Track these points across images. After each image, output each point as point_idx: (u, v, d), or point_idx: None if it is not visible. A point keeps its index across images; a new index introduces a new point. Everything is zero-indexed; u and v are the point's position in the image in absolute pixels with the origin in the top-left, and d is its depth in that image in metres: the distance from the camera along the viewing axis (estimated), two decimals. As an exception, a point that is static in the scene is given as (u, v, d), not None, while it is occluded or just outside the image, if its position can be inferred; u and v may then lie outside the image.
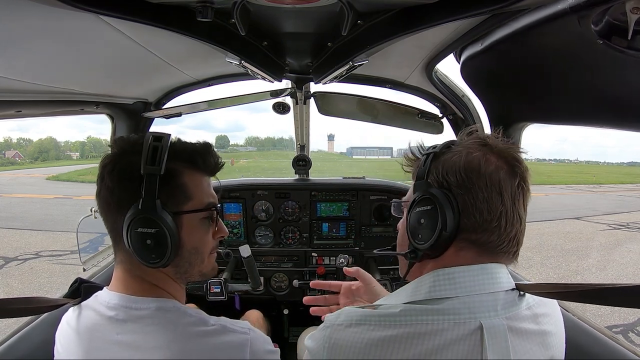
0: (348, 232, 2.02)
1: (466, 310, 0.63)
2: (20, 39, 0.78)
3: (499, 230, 0.66)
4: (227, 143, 75.91)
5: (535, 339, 0.67)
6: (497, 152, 0.70)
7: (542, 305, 0.71)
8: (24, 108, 1.15)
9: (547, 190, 19.26)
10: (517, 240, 0.69)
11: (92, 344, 0.74)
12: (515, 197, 0.67)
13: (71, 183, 21.14)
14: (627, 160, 72.09)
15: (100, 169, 0.78)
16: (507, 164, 0.69)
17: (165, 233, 0.73)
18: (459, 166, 0.69)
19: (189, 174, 0.81)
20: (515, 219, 0.67)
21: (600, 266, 6.77)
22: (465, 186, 0.67)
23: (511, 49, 0.91)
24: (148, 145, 0.74)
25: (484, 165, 0.67)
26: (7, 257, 6.78)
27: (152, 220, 0.72)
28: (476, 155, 0.69)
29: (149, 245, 0.73)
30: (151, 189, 0.73)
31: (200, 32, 0.90)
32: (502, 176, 0.67)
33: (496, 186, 0.66)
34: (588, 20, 0.62)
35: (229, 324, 0.79)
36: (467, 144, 0.72)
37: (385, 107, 1.84)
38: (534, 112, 1.20)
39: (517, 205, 0.68)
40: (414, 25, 0.86)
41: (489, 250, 0.68)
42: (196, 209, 0.81)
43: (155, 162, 0.73)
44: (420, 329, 0.62)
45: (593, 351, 1.05)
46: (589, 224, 10.36)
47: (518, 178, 0.68)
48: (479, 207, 0.66)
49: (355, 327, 0.65)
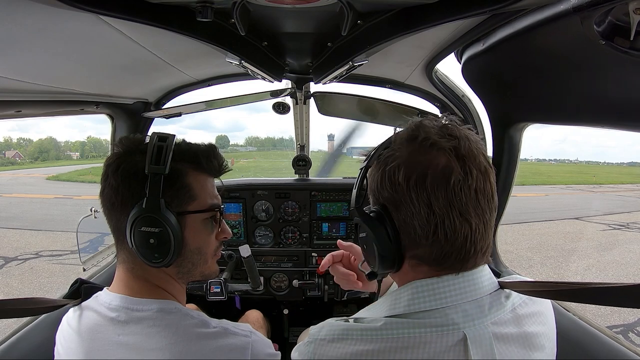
0: (348, 232, 2.02)
1: (449, 321, 0.61)
2: (20, 39, 0.78)
3: (439, 244, 0.61)
4: (227, 143, 75.89)
5: (518, 342, 0.64)
6: (428, 143, 0.61)
7: (528, 305, 0.68)
8: (24, 108, 1.15)
9: (547, 190, 19.26)
10: (472, 245, 0.61)
11: (93, 344, 0.74)
12: (455, 197, 0.59)
13: (71, 183, 21.11)
14: (627, 161, 72.06)
15: (104, 168, 0.78)
16: (439, 156, 0.60)
17: (169, 232, 0.73)
18: (385, 177, 0.63)
19: (193, 175, 0.81)
20: (457, 225, 0.60)
21: (600, 266, 6.77)
22: (394, 202, 0.63)
23: (513, 49, 0.90)
24: (153, 145, 0.74)
25: (405, 170, 0.61)
26: (7, 257, 6.77)
27: (156, 219, 0.73)
28: (399, 156, 0.63)
29: (152, 244, 0.73)
30: (155, 188, 0.73)
31: (200, 32, 0.90)
32: (428, 179, 0.59)
33: (423, 196, 0.60)
34: (590, 20, 0.62)
35: (231, 327, 0.79)
36: (398, 143, 0.65)
37: (385, 107, 1.84)
38: (535, 112, 1.19)
39: (459, 207, 0.60)
40: (414, 25, 0.85)
41: (440, 263, 0.63)
42: (200, 210, 0.81)
43: (160, 162, 0.73)
44: (403, 343, 0.60)
45: (594, 350, 1.05)
46: (589, 224, 10.35)
47: (455, 172, 0.59)
48: (411, 223, 0.61)
49: (338, 342, 0.64)
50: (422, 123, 0.65)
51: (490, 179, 0.63)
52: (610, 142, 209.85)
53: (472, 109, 1.55)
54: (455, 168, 0.60)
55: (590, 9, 0.59)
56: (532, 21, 0.74)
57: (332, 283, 1.91)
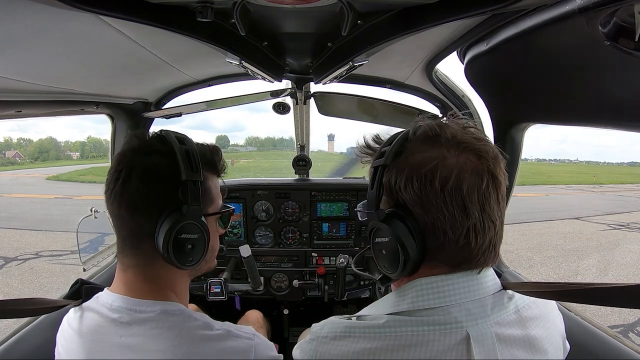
0: (348, 232, 2.02)
1: (452, 320, 0.60)
2: (20, 39, 0.78)
3: (468, 246, 0.60)
4: (227, 143, 75.98)
5: (521, 344, 0.63)
6: (456, 144, 0.60)
7: (532, 307, 0.67)
8: (24, 108, 1.15)
9: (548, 190, 19.26)
10: (493, 246, 0.62)
11: (95, 346, 0.74)
12: (485, 201, 0.59)
13: (71, 183, 21.14)
14: (628, 160, 72.07)
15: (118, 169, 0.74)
16: (471, 159, 0.59)
17: (205, 238, 0.76)
18: (411, 178, 0.60)
19: (210, 178, 0.84)
20: (487, 227, 0.60)
21: (600, 267, 6.77)
22: (422, 204, 0.60)
23: (517, 49, 0.90)
24: (182, 150, 0.74)
25: (441, 173, 0.59)
26: (7, 257, 6.77)
27: (196, 226, 0.74)
28: (429, 157, 0.60)
29: (189, 249, 0.74)
30: (194, 195, 0.73)
31: (200, 32, 0.90)
32: (465, 183, 0.58)
33: (458, 200, 0.58)
34: (596, 21, 0.62)
35: (234, 329, 0.79)
36: (417, 142, 0.63)
37: (385, 107, 1.84)
38: (538, 113, 1.19)
39: (489, 210, 0.60)
40: (414, 25, 0.86)
41: (463, 264, 0.63)
42: (217, 212, 0.85)
43: (193, 168, 0.74)
44: (405, 341, 0.60)
45: (596, 351, 1.05)
46: (589, 224, 10.35)
47: (486, 175, 0.59)
48: (441, 227, 0.59)
49: (340, 339, 0.64)
50: (444, 123, 0.64)
51: (506, 181, 0.64)
52: (610, 142, 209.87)
53: (472, 109, 1.55)
54: (486, 170, 0.59)
55: (596, 9, 0.59)
56: (537, 21, 0.74)
57: (332, 283, 1.92)
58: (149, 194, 0.73)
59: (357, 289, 1.88)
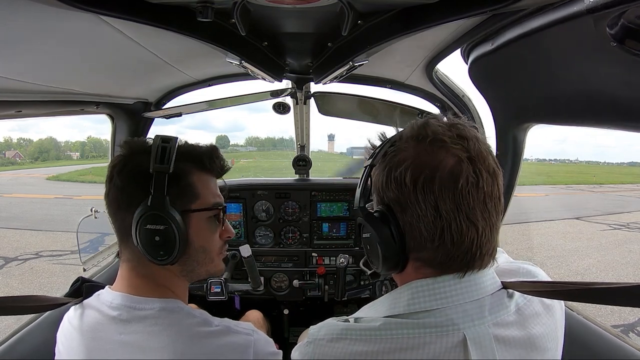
0: (348, 232, 2.02)
1: (449, 322, 0.60)
2: (20, 39, 0.78)
3: (444, 247, 0.60)
4: (227, 143, 75.98)
5: (522, 345, 0.62)
6: (433, 142, 0.60)
7: (533, 304, 0.67)
8: (24, 108, 1.15)
9: (548, 190, 19.25)
10: (478, 248, 0.60)
11: (95, 343, 0.74)
12: (463, 200, 0.58)
13: (71, 183, 21.12)
14: (628, 160, 72.07)
15: (109, 170, 0.80)
16: (447, 157, 0.59)
17: (174, 230, 0.74)
18: (391, 177, 0.61)
19: (196, 174, 0.83)
20: (465, 228, 0.58)
21: (600, 267, 6.76)
22: (399, 203, 0.61)
23: (523, 49, 0.90)
24: (157, 146, 0.76)
25: (412, 172, 0.59)
26: (7, 257, 6.78)
27: (161, 216, 0.74)
28: (404, 156, 0.61)
29: (157, 241, 0.74)
30: (160, 186, 0.74)
31: (201, 32, 0.90)
32: (436, 181, 0.58)
33: (430, 199, 0.58)
34: (604, 22, 0.62)
35: (233, 325, 0.79)
36: (404, 142, 0.63)
37: (385, 107, 1.84)
38: (541, 113, 1.19)
39: (466, 210, 0.58)
40: (414, 25, 0.85)
41: (444, 266, 0.62)
42: (203, 208, 0.82)
43: (164, 161, 0.75)
44: (402, 344, 0.59)
45: (599, 350, 1.05)
46: (589, 224, 10.35)
47: (464, 174, 0.58)
48: (417, 225, 0.60)
49: (337, 342, 0.63)
50: (429, 122, 0.63)
51: (498, 181, 0.62)
52: (609, 142, 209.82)
53: (472, 109, 1.55)
54: (464, 170, 0.58)
55: (605, 10, 0.58)
56: (544, 22, 0.74)
57: (332, 283, 1.92)
58: (126, 189, 0.77)
59: (357, 289, 1.88)
